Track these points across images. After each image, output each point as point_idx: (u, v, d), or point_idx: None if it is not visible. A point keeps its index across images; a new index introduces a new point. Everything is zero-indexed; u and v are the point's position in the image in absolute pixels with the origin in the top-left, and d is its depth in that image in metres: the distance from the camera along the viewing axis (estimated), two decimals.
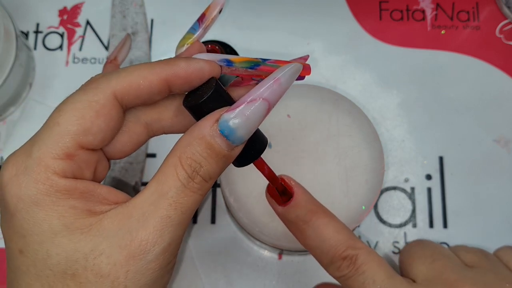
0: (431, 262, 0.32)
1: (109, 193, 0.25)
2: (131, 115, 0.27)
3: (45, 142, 0.24)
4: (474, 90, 0.42)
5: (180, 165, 0.24)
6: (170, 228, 0.24)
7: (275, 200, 0.29)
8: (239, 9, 0.44)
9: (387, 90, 0.42)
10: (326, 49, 0.43)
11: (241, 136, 0.24)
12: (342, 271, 0.28)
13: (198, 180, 0.24)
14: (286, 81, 0.24)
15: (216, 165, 0.25)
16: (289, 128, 0.34)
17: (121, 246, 0.23)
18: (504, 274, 0.33)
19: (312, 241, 0.29)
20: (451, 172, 0.40)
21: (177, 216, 0.24)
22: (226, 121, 0.23)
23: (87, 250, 0.23)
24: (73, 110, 0.24)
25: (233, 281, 0.38)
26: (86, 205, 0.24)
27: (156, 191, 0.24)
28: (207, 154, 0.24)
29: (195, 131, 0.24)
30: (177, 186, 0.24)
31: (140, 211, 0.24)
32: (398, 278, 0.29)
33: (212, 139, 0.24)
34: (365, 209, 0.33)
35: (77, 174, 0.25)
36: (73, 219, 0.24)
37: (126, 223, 0.24)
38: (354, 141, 0.34)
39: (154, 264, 0.24)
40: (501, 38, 0.43)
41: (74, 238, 0.24)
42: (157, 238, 0.24)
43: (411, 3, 0.44)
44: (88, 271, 0.23)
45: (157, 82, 0.25)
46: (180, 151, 0.24)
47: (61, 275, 0.24)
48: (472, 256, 0.34)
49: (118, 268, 0.24)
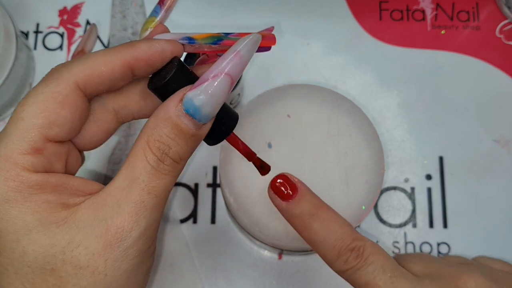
0: (427, 262, 0.32)
1: (83, 184, 0.25)
2: (97, 103, 0.26)
3: (11, 139, 0.23)
4: (474, 90, 0.42)
5: (149, 148, 0.24)
6: (145, 213, 0.24)
7: (279, 196, 0.29)
8: (239, 9, 0.44)
9: (387, 90, 0.42)
10: (326, 49, 0.43)
11: (207, 114, 0.24)
12: (350, 263, 0.28)
13: (168, 162, 0.24)
14: (247, 53, 0.23)
15: (186, 145, 0.24)
16: (289, 128, 0.34)
17: (97, 236, 0.23)
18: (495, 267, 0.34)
19: (318, 235, 0.29)
20: (451, 172, 0.40)
21: (150, 199, 0.24)
22: (190, 99, 0.23)
23: (64, 243, 0.23)
24: (36, 103, 0.23)
25: (233, 281, 0.38)
26: (60, 198, 0.24)
27: (128, 177, 0.24)
28: (174, 135, 0.24)
29: (160, 113, 0.24)
30: (147, 170, 0.24)
31: (113, 198, 0.24)
32: (403, 269, 0.29)
33: (178, 119, 0.23)
34: (365, 209, 0.33)
35: (47, 168, 0.24)
36: (47, 213, 0.23)
37: (100, 212, 0.24)
38: (354, 141, 0.34)
39: (132, 250, 0.24)
40: (501, 38, 0.43)
41: (49, 232, 0.23)
42: (132, 223, 0.24)
43: (411, 3, 0.44)
44: (67, 264, 0.23)
45: (120, 67, 0.24)
46: (147, 134, 0.24)
47: (40, 271, 0.23)
48: (460, 259, 0.36)
49: (96, 257, 0.23)
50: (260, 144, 0.33)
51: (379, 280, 0.28)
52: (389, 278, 0.28)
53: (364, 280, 0.28)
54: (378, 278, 0.28)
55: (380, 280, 0.28)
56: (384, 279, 0.28)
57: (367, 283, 0.28)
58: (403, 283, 0.28)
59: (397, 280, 0.28)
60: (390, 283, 0.28)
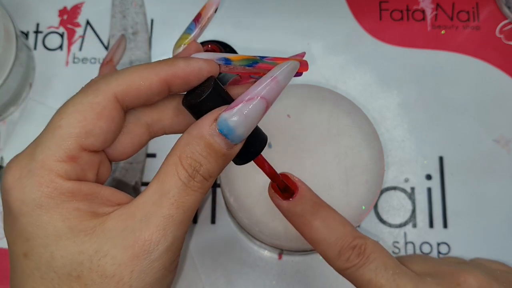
0: (427, 262, 0.32)
1: (112, 195, 0.26)
2: (131, 116, 0.27)
3: (47, 145, 0.24)
4: (474, 90, 0.42)
5: (180, 165, 0.24)
6: (173, 227, 0.24)
7: (279, 195, 0.29)
8: (239, 9, 0.44)
9: (387, 90, 0.42)
10: (326, 49, 0.43)
11: (240, 135, 0.24)
12: (352, 261, 0.28)
13: (199, 179, 0.24)
14: (284, 79, 0.24)
15: (216, 163, 0.25)
16: (289, 128, 0.34)
17: (125, 247, 0.24)
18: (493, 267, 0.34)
19: (320, 234, 0.29)
20: (451, 172, 0.40)
21: (179, 215, 0.24)
22: (225, 120, 0.23)
23: (92, 251, 0.24)
24: (75, 112, 0.24)
25: (233, 281, 0.38)
26: (90, 207, 0.24)
27: (158, 191, 0.24)
28: (206, 153, 0.24)
29: (194, 130, 0.24)
30: (178, 186, 0.24)
31: (142, 211, 0.24)
32: (405, 267, 0.29)
33: (211, 138, 0.24)
34: (365, 209, 0.33)
35: (80, 176, 0.25)
36: (77, 221, 0.24)
37: (129, 224, 0.24)
38: (354, 141, 0.34)
39: (158, 263, 0.24)
40: (501, 38, 0.43)
41: (78, 240, 0.24)
42: (160, 237, 0.24)
43: (411, 3, 0.44)
44: (93, 272, 0.24)
45: (157, 82, 0.25)
46: (179, 150, 0.24)
47: (66, 277, 0.24)
48: (459, 260, 0.36)
49: (122, 268, 0.24)
50: None
51: (382, 278, 0.28)
52: (391, 275, 0.28)
53: (367, 278, 0.28)
54: (380, 276, 0.28)
55: (382, 277, 0.28)
56: (386, 276, 0.28)
57: (369, 281, 0.28)
58: (405, 280, 0.28)
59: (399, 278, 0.28)
60: (392, 280, 0.28)
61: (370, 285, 0.28)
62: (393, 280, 0.28)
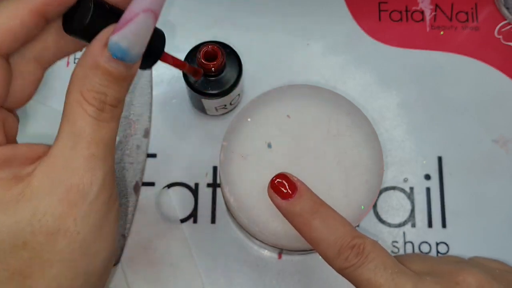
0: (425, 261, 0.33)
1: (29, 151, 0.25)
2: (16, 57, 0.25)
3: None
4: (473, 90, 0.42)
5: (85, 100, 0.23)
6: (99, 164, 0.24)
7: (279, 195, 0.29)
8: (239, 9, 0.44)
9: (387, 91, 0.42)
10: (326, 50, 0.43)
11: (136, 54, 0.23)
12: (351, 261, 0.28)
13: (108, 109, 0.23)
14: None
15: (121, 87, 0.24)
16: (289, 128, 0.34)
17: (60, 199, 0.23)
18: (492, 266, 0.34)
19: (319, 233, 0.29)
20: (450, 172, 0.40)
21: (100, 150, 0.24)
22: (115, 43, 0.22)
23: (29, 216, 0.23)
24: None
25: (233, 281, 0.38)
26: (11, 173, 0.24)
27: (71, 134, 0.23)
28: (108, 82, 0.23)
29: (88, 61, 0.23)
30: (89, 123, 0.23)
31: (63, 159, 0.23)
32: (404, 267, 0.29)
33: (108, 65, 0.22)
34: (365, 209, 0.33)
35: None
36: (3, 192, 0.23)
37: (55, 176, 0.23)
38: (353, 141, 0.34)
39: (96, 203, 0.24)
40: (499, 38, 0.44)
41: (10, 211, 0.23)
42: (90, 178, 0.24)
43: (410, 4, 0.44)
44: (37, 234, 0.23)
45: (29, 17, 0.23)
46: (79, 85, 0.23)
47: (11, 249, 0.23)
48: (458, 258, 0.36)
49: (64, 220, 0.23)
50: (260, 144, 0.34)
51: (380, 277, 0.28)
52: (390, 275, 0.28)
53: (365, 278, 0.28)
54: (379, 275, 0.28)
55: (381, 277, 0.28)
56: (385, 276, 0.28)
57: (368, 280, 0.28)
58: (404, 279, 0.28)
59: (398, 277, 0.28)
60: (391, 279, 0.28)
61: (369, 284, 0.28)
62: (392, 279, 0.28)
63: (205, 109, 0.40)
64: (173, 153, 0.41)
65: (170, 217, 0.39)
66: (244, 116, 0.34)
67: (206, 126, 0.41)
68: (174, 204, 0.40)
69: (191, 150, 0.41)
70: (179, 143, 0.41)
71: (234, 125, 0.34)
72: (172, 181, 0.40)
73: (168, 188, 0.40)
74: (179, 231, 0.39)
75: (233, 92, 0.37)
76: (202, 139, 0.41)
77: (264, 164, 0.33)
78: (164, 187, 0.40)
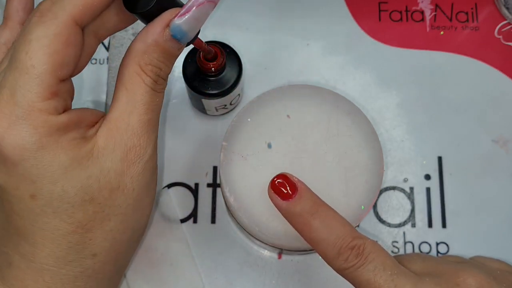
0: (425, 261, 0.32)
1: (90, 115, 0.27)
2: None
3: (27, 88, 0.24)
4: (473, 90, 0.42)
5: (144, 73, 0.26)
6: (153, 128, 0.28)
7: (279, 195, 0.29)
8: (239, 9, 0.44)
9: (387, 91, 0.42)
10: (326, 50, 0.43)
11: (190, 37, 0.26)
12: (350, 261, 0.28)
13: (161, 81, 0.27)
14: None
15: (170, 64, 0.27)
16: (289, 128, 0.34)
17: (121, 158, 0.26)
18: (493, 266, 0.34)
19: (319, 234, 0.29)
20: (450, 172, 0.40)
21: (154, 116, 0.27)
22: (178, 26, 0.25)
23: (97, 172, 0.26)
24: (43, 48, 0.24)
25: (233, 281, 0.38)
26: (80, 133, 0.26)
27: (130, 101, 0.26)
28: (163, 58, 0.26)
29: (148, 38, 0.26)
30: (147, 91, 0.26)
31: (123, 122, 0.26)
32: (403, 268, 0.29)
33: (166, 44, 0.26)
34: (365, 209, 0.33)
35: (64, 107, 0.26)
36: (76, 150, 0.25)
37: (118, 137, 0.26)
38: (353, 141, 0.34)
39: (149, 164, 0.28)
40: (499, 38, 0.44)
41: (83, 166, 0.25)
42: (147, 140, 0.27)
43: (410, 4, 0.45)
44: (103, 190, 0.26)
45: None
46: (138, 59, 0.26)
47: (79, 203, 0.26)
48: (458, 258, 0.36)
49: (123, 178, 0.27)
50: (260, 144, 0.34)
51: (380, 278, 0.28)
52: (389, 275, 0.28)
53: (365, 278, 0.28)
54: (379, 276, 0.28)
55: (381, 278, 0.28)
56: (385, 276, 0.28)
57: (368, 281, 0.28)
58: (404, 280, 0.28)
59: (397, 278, 0.28)
60: (391, 280, 0.28)
61: (369, 285, 0.28)
62: (392, 280, 0.28)
63: (205, 109, 0.40)
64: (173, 153, 0.41)
65: (170, 217, 0.39)
66: (244, 116, 0.34)
67: (206, 126, 0.41)
68: (174, 204, 0.40)
69: (191, 150, 0.41)
70: (179, 143, 0.41)
71: (234, 125, 0.34)
72: (172, 181, 0.40)
73: (168, 188, 0.40)
74: (179, 231, 0.39)
75: (233, 92, 0.37)
76: (202, 139, 0.41)
77: (264, 164, 0.33)
78: (164, 187, 0.40)
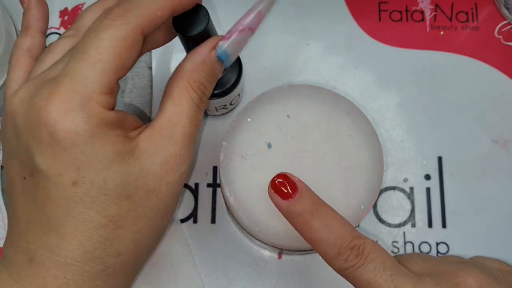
0: (425, 261, 0.32)
1: (132, 119, 0.29)
2: None
3: (91, 80, 0.26)
4: (473, 90, 0.42)
5: (192, 89, 0.28)
6: (193, 142, 0.29)
7: (279, 195, 0.30)
8: (239, 9, 0.44)
9: (387, 91, 0.42)
10: (326, 50, 0.43)
11: (232, 59, 0.29)
12: (350, 261, 0.28)
13: (204, 99, 0.29)
14: (265, 11, 0.29)
15: (213, 83, 0.30)
16: (289, 128, 0.34)
17: (161, 163, 0.28)
18: (493, 266, 0.34)
19: (319, 233, 0.29)
20: (450, 172, 0.40)
21: (195, 131, 0.29)
22: (223, 48, 0.29)
23: (137, 171, 0.27)
24: (112, 48, 0.26)
25: (233, 281, 0.38)
26: (123, 132, 0.27)
27: (177, 112, 0.28)
28: (209, 78, 0.29)
29: (197, 58, 0.29)
30: (193, 106, 0.29)
31: (167, 131, 0.28)
32: (403, 268, 0.29)
33: (212, 64, 0.29)
34: (365, 209, 0.33)
35: (114, 105, 0.27)
36: (121, 146, 0.27)
37: (160, 143, 0.28)
38: (353, 141, 0.34)
39: (184, 174, 0.29)
40: (500, 38, 0.44)
41: (125, 162, 0.27)
42: (186, 151, 0.29)
43: (410, 4, 0.45)
44: (139, 189, 0.27)
45: (168, 11, 0.28)
46: (188, 76, 0.28)
47: (116, 197, 0.26)
48: (458, 258, 0.36)
49: (160, 182, 0.28)
50: (260, 144, 0.34)
51: (380, 278, 0.28)
52: (389, 276, 0.28)
53: (365, 278, 0.28)
54: (378, 276, 0.28)
55: (380, 278, 0.28)
56: (384, 277, 0.28)
57: (367, 281, 0.28)
58: (404, 281, 0.28)
59: (397, 278, 0.28)
60: (391, 280, 0.28)
61: (369, 285, 0.28)
62: (391, 280, 0.28)
63: (205, 109, 0.40)
64: None
65: None
66: (244, 116, 0.35)
67: (206, 126, 0.41)
68: None
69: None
70: None
71: (234, 125, 0.34)
72: None
73: None
74: (179, 231, 0.39)
75: (233, 92, 0.37)
76: (202, 139, 0.41)
77: (264, 164, 0.33)
78: None
